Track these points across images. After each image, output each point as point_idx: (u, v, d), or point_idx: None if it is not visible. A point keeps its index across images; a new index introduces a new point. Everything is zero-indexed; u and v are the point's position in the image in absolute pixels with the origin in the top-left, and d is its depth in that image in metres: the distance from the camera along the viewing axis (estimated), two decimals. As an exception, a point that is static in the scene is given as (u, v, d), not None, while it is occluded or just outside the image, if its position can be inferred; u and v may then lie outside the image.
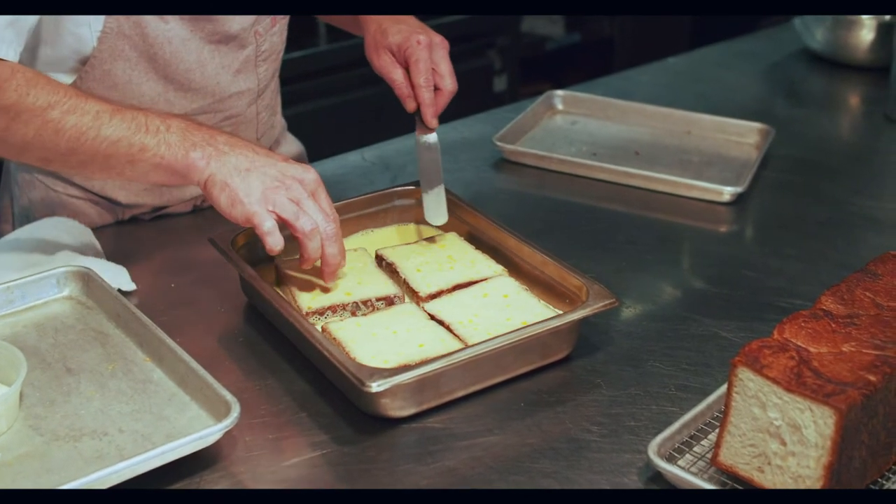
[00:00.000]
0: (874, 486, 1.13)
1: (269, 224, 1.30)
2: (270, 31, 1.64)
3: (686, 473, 1.10)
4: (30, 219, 1.64)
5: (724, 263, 1.60)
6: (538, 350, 1.30)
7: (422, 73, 1.52)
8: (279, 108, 1.85)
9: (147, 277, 1.51)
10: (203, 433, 1.12)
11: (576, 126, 2.07)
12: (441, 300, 1.39)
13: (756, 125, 1.98)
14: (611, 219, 1.73)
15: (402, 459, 1.18)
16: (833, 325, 1.13)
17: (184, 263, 1.56)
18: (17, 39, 1.34)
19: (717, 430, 1.12)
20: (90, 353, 1.30)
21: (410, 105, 1.55)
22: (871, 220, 1.73)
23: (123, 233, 1.66)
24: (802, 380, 1.04)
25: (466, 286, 1.42)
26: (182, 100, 1.58)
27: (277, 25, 1.66)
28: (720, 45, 2.62)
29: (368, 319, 1.34)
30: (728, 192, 1.76)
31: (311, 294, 1.38)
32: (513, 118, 2.01)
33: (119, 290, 1.42)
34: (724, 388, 1.17)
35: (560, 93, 2.14)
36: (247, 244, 1.43)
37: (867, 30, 2.34)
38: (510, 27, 3.84)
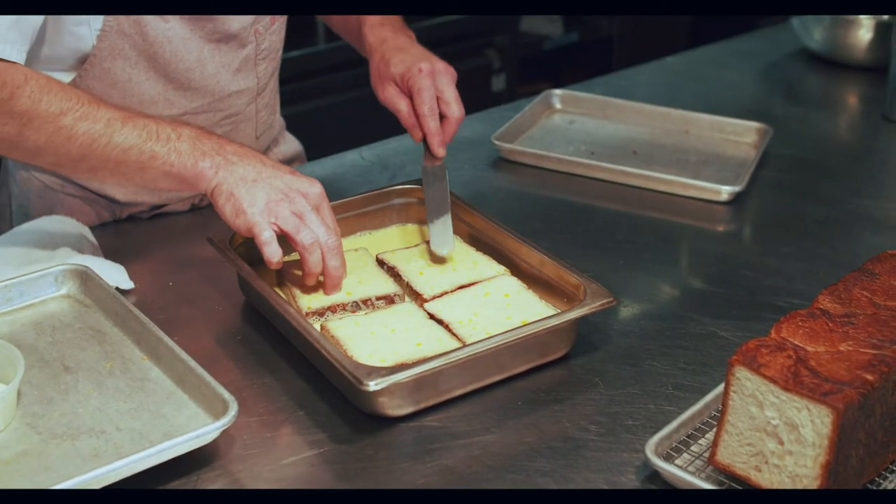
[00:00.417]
0: (871, 486, 1.13)
1: (268, 234, 1.31)
2: (270, 30, 1.64)
3: (683, 472, 1.10)
4: (28, 217, 1.64)
5: (722, 263, 1.60)
6: (536, 349, 1.30)
7: (426, 103, 1.52)
8: (278, 108, 1.85)
9: (145, 276, 1.51)
10: (200, 431, 1.12)
11: (574, 125, 2.07)
12: (441, 299, 1.39)
13: (754, 124, 1.99)
14: (609, 218, 1.73)
15: (400, 458, 1.19)
16: (830, 325, 1.13)
17: (182, 262, 1.56)
18: (22, 40, 1.34)
19: (715, 430, 1.12)
20: (88, 352, 1.30)
21: (416, 135, 1.54)
22: (869, 220, 1.74)
23: (121, 231, 1.66)
24: (800, 379, 1.04)
25: (460, 289, 1.42)
26: (182, 98, 1.58)
27: (277, 24, 1.66)
28: (718, 45, 2.62)
29: (367, 318, 1.34)
30: (726, 192, 1.76)
31: (311, 294, 1.38)
32: (511, 117, 2.01)
33: (117, 289, 1.42)
34: (722, 388, 1.17)
35: (558, 92, 2.14)
36: (245, 243, 1.43)
37: (865, 29, 2.34)
38: (509, 26, 3.84)
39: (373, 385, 1.16)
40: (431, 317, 1.35)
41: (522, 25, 4.06)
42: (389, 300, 1.39)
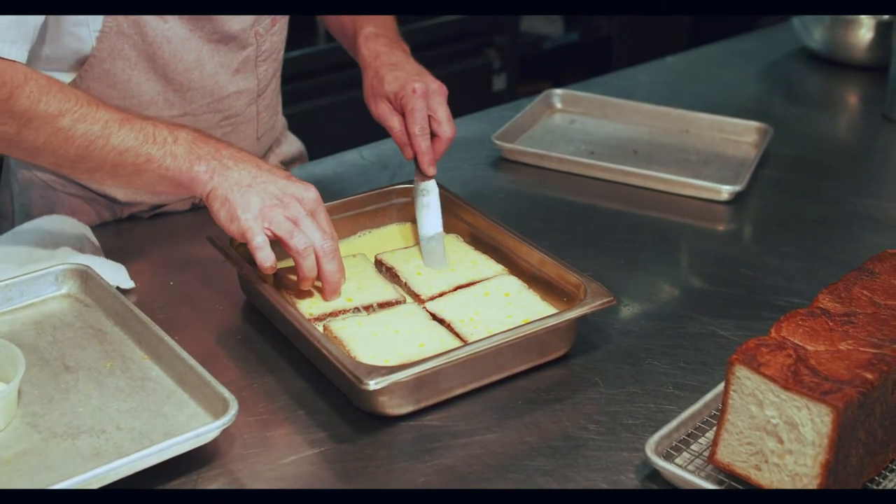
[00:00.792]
0: (871, 485, 1.13)
1: (260, 239, 1.30)
2: (271, 31, 1.64)
3: (683, 471, 1.10)
4: (29, 216, 1.64)
5: (722, 262, 1.60)
6: (536, 348, 1.30)
7: (417, 123, 1.52)
8: (280, 108, 1.85)
9: (145, 275, 1.51)
10: (201, 431, 1.12)
11: (574, 125, 2.07)
12: (442, 299, 1.39)
13: (754, 124, 1.99)
14: (609, 217, 1.73)
15: (400, 457, 1.19)
16: (830, 324, 1.13)
17: (182, 261, 1.57)
18: (23, 39, 1.34)
19: (715, 429, 1.12)
20: (88, 351, 1.30)
21: (408, 153, 1.55)
22: (869, 219, 1.74)
23: (122, 230, 1.67)
24: (800, 378, 1.04)
25: (461, 288, 1.42)
26: (181, 99, 1.58)
27: (277, 25, 1.66)
28: (719, 45, 2.62)
29: (370, 319, 1.34)
30: (726, 191, 1.76)
31: (312, 300, 1.38)
32: (511, 117, 2.01)
33: (117, 288, 1.42)
34: (722, 387, 1.17)
35: (559, 91, 2.14)
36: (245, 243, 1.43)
37: (865, 29, 2.34)
38: (509, 26, 3.84)
39: (373, 384, 1.16)
40: (433, 317, 1.36)
41: (522, 25, 4.06)
42: (391, 307, 1.39)
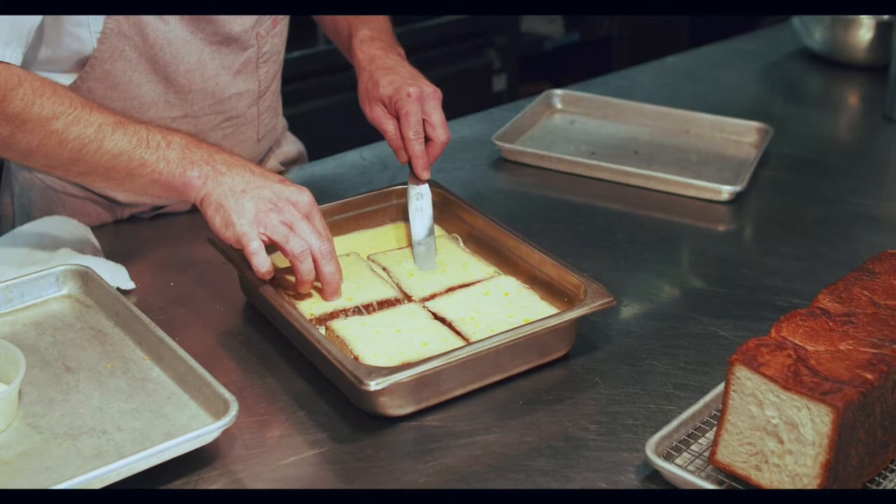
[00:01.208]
0: (871, 485, 1.13)
1: (256, 245, 1.30)
2: (272, 33, 1.64)
3: (683, 472, 1.10)
4: (29, 217, 1.64)
5: (723, 262, 1.61)
6: (536, 349, 1.30)
7: (411, 127, 1.52)
8: (280, 109, 1.85)
9: (146, 276, 1.51)
10: (201, 431, 1.12)
11: (574, 125, 2.07)
12: (443, 299, 1.40)
13: (754, 124, 1.99)
14: (609, 218, 1.74)
15: (401, 458, 1.19)
16: (830, 324, 1.13)
17: (182, 262, 1.57)
18: (18, 41, 1.34)
19: (715, 429, 1.12)
20: (89, 352, 1.30)
21: (402, 157, 1.55)
22: (869, 219, 1.74)
23: (122, 231, 1.67)
24: (800, 378, 1.04)
25: (460, 288, 1.42)
26: (182, 101, 1.58)
27: (278, 26, 1.66)
28: (719, 45, 2.63)
29: (372, 318, 1.34)
30: (726, 191, 1.76)
31: (312, 301, 1.38)
32: (512, 117, 2.01)
33: (118, 289, 1.42)
34: (722, 387, 1.17)
35: (559, 92, 2.14)
36: (245, 243, 1.43)
37: (865, 29, 2.34)
38: (509, 26, 3.84)
39: (374, 385, 1.16)
40: (435, 316, 1.36)
41: (523, 25, 4.06)
42: (391, 304, 1.39)
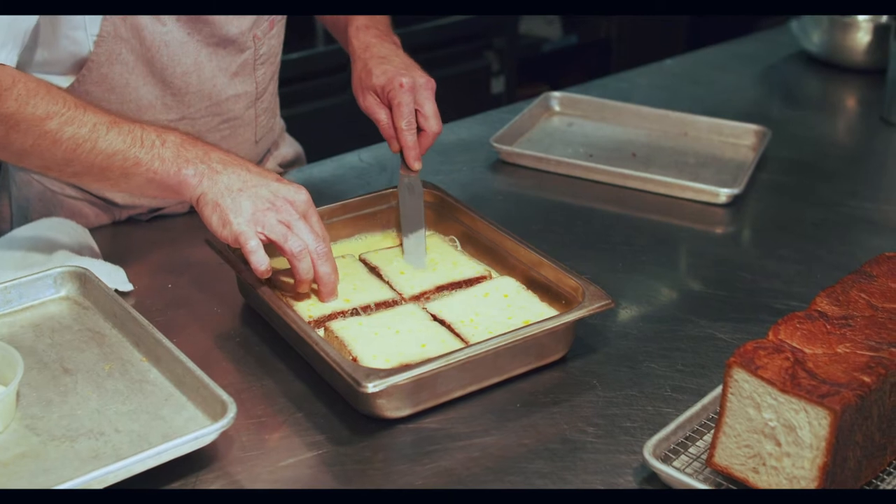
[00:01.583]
0: (869, 488, 1.13)
1: (254, 243, 1.30)
2: (269, 35, 1.64)
3: (681, 474, 1.10)
4: (27, 219, 1.64)
5: (720, 265, 1.61)
6: (534, 351, 1.31)
7: (404, 117, 1.52)
8: (278, 111, 1.85)
9: (144, 278, 1.51)
10: (199, 433, 1.12)
11: (572, 127, 2.07)
12: (442, 300, 1.40)
13: (752, 127, 1.99)
14: (607, 220, 1.74)
15: (398, 460, 1.19)
16: (828, 327, 1.13)
17: (180, 264, 1.57)
18: (14, 42, 1.34)
19: (713, 431, 1.12)
20: (87, 354, 1.30)
21: (394, 147, 1.55)
22: (867, 222, 1.74)
23: (120, 233, 1.67)
24: (797, 381, 1.04)
25: (450, 287, 1.42)
26: (179, 103, 1.58)
27: (275, 28, 1.66)
28: (717, 48, 2.63)
29: (371, 319, 1.34)
30: (724, 194, 1.76)
31: (310, 303, 1.38)
32: (510, 119, 2.01)
33: (116, 291, 1.42)
34: (720, 389, 1.17)
35: (557, 94, 2.14)
36: (243, 245, 1.43)
37: (863, 32, 2.34)
38: (508, 28, 3.84)
39: (371, 387, 1.16)
40: (434, 318, 1.36)
41: (521, 28, 4.06)
42: (389, 306, 1.39)
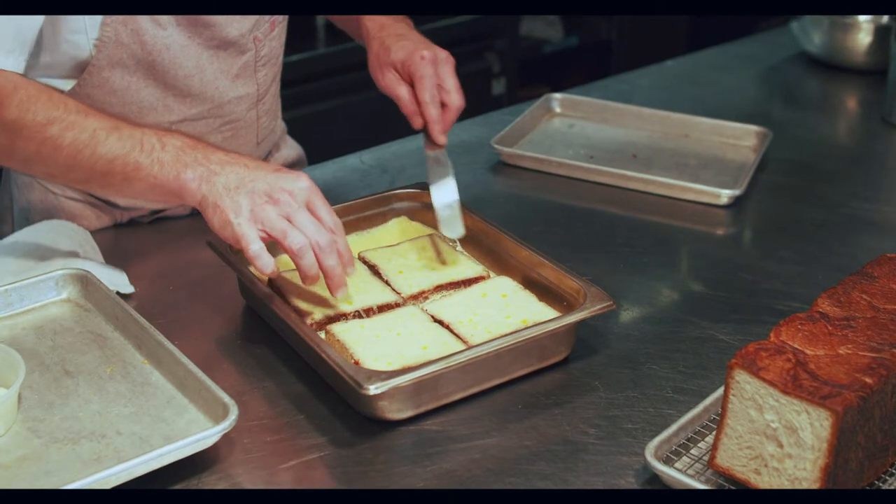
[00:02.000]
0: (871, 489, 1.13)
1: (256, 247, 1.26)
2: (269, 36, 1.64)
3: (683, 476, 1.10)
4: (29, 221, 1.64)
5: (722, 266, 1.61)
6: (536, 352, 1.31)
7: (427, 90, 1.49)
8: (279, 113, 1.85)
9: (145, 280, 1.51)
10: (201, 435, 1.12)
11: (573, 129, 2.07)
12: (441, 300, 1.40)
13: (753, 128, 1.99)
14: (608, 222, 1.74)
15: (400, 462, 1.19)
16: (829, 328, 1.13)
17: (182, 266, 1.57)
18: (21, 48, 1.34)
19: (714, 433, 1.12)
20: (88, 356, 1.30)
21: (417, 122, 1.52)
22: (868, 223, 1.74)
23: (122, 235, 1.67)
24: (799, 382, 1.04)
25: (448, 287, 1.43)
26: (181, 105, 1.58)
27: (276, 30, 1.66)
28: (718, 49, 2.63)
29: (372, 321, 1.34)
30: (725, 195, 1.76)
31: (312, 304, 1.37)
32: (511, 121, 2.01)
33: (117, 293, 1.42)
34: (721, 391, 1.17)
35: (558, 96, 2.14)
36: (245, 247, 1.43)
37: (864, 33, 2.34)
38: (508, 30, 3.84)
39: (373, 389, 1.16)
40: (433, 319, 1.36)
41: (522, 29, 4.06)
42: (391, 308, 1.39)
